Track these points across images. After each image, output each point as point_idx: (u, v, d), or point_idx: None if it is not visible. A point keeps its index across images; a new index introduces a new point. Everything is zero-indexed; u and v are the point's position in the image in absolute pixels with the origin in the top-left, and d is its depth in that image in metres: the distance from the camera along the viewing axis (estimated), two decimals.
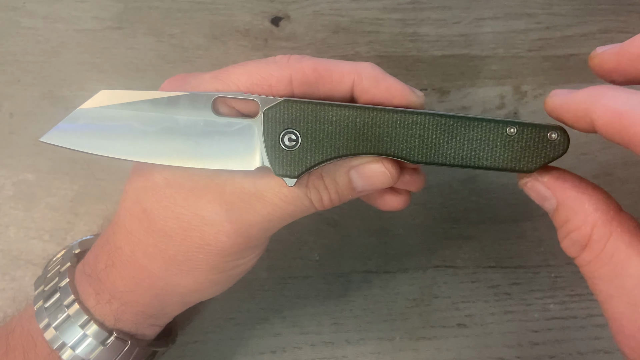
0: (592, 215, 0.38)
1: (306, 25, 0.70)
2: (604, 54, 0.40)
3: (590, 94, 0.36)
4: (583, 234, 0.38)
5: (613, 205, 0.39)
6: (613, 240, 0.37)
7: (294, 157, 0.44)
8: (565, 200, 0.40)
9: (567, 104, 0.38)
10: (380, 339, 0.65)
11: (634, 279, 0.35)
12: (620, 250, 0.36)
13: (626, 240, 0.36)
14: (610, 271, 0.37)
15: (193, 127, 0.45)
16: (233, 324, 0.65)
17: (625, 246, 0.36)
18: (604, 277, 0.37)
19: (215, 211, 0.46)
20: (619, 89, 0.35)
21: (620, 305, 0.36)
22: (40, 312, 0.51)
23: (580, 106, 0.37)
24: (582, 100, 0.37)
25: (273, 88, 0.45)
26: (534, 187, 0.43)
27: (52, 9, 0.69)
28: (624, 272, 0.36)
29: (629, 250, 0.36)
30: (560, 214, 0.40)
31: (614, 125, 0.34)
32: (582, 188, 0.40)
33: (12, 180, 0.67)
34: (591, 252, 0.38)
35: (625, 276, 0.36)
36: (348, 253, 0.67)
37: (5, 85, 0.68)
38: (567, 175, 0.42)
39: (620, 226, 0.37)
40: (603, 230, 0.37)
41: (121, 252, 0.49)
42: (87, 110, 0.46)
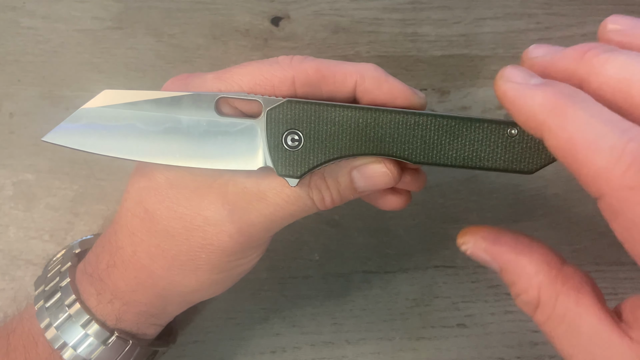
0: (535, 278, 0.37)
1: (306, 25, 0.70)
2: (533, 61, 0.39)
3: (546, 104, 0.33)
4: (531, 296, 0.37)
5: (554, 262, 0.38)
6: (561, 301, 0.36)
7: (297, 158, 0.44)
8: (506, 265, 0.39)
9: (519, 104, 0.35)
10: (380, 339, 0.65)
11: (589, 336, 0.34)
12: (570, 310, 0.35)
13: (573, 298, 0.35)
14: (565, 331, 0.36)
15: (196, 127, 0.45)
16: (233, 324, 0.65)
17: (574, 305, 0.35)
18: (560, 336, 0.36)
19: (217, 211, 0.46)
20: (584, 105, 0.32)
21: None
22: (41, 311, 0.51)
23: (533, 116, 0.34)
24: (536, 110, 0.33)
25: (276, 88, 0.45)
26: (475, 254, 0.42)
27: (52, 9, 0.69)
28: (578, 330, 0.35)
29: (579, 308, 0.35)
30: (505, 277, 0.39)
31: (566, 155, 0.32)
32: (519, 250, 0.39)
33: (12, 180, 0.67)
34: (543, 313, 0.37)
35: (580, 334, 0.35)
36: (348, 253, 0.67)
37: (5, 85, 0.68)
38: (503, 236, 0.41)
39: (566, 284, 0.36)
40: (549, 291, 0.36)
41: (123, 252, 0.49)
42: (89, 110, 0.46)
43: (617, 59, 0.33)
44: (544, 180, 0.66)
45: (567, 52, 0.36)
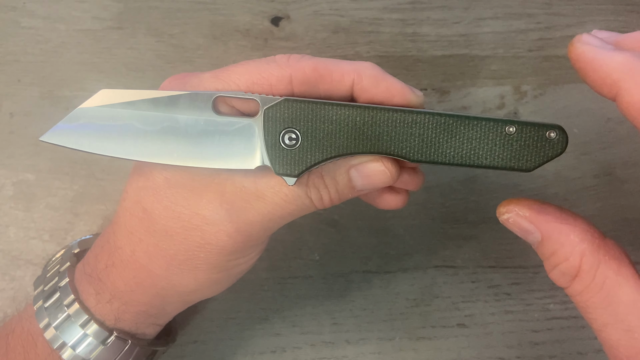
0: (579, 245, 0.38)
1: (306, 25, 0.70)
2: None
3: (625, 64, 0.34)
4: (572, 265, 0.38)
5: (597, 233, 0.38)
6: (602, 269, 0.36)
7: (294, 156, 0.44)
8: (550, 233, 0.40)
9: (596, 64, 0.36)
10: (380, 339, 0.65)
11: (627, 305, 0.35)
12: (610, 278, 0.36)
13: (614, 268, 0.36)
14: (602, 300, 0.36)
15: (193, 126, 0.45)
16: (233, 324, 0.65)
17: (614, 274, 0.36)
18: (597, 305, 0.36)
19: (215, 210, 0.46)
20: None
21: (615, 332, 0.36)
22: (40, 311, 0.51)
23: (609, 74, 0.35)
24: (613, 69, 0.35)
25: (273, 87, 0.45)
26: (516, 223, 0.42)
27: (52, 9, 0.69)
28: (617, 299, 0.35)
29: (619, 277, 0.36)
30: (546, 247, 0.40)
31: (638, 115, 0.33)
32: (564, 219, 0.40)
33: (12, 180, 0.67)
34: (582, 282, 0.37)
35: (618, 303, 0.35)
36: (348, 253, 0.67)
37: (5, 85, 0.69)
38: (548, 207, 0.41)
39: (608, 254, 0.37)
40: (592, 259, 0.37)
41: (122, 251, 0.49)
42: (87, 110, 0.46)
43: None
44: (544, 180, 0.66)
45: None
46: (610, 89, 0.34)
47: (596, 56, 0.35)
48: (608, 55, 0.35)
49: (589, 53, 0.36)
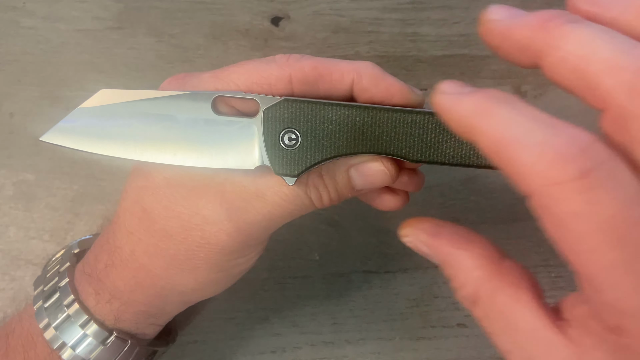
0: (473, 272, 0.36)
1: (306, 25, 0.70)
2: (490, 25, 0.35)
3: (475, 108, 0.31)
4: (469, 292, 0.36)
5: (494, 256, 0.36)
6: (499, 296, 0.34)
7: (294, 156, 0.44)
8: (445, 258, 0.38)
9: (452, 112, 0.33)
10: (380, 339, 0.65)
11: (526, 333, 0.33)
12: (508, 306, 0.34)
13: (511, 294, 0.34)
14: (503, 328, 0.34)
15: (193, 126, 0.45)
16: (233, 324, 0.65)
17: (511, 301, 0.34)
18: (498, 333, 0.34)
19: (215, 210, 0.46)
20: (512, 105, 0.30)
21: None
22: (40, 312, 0.51)
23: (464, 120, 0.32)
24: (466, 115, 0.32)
25: (273, 87, 0.45)
26: (416, 247, 0.41)
27: (52, 9, 0.70)
28: (515, 327, 0.33)
29: (516, 305, 0.33)
30: (445, 272, 0.38)
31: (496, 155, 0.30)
32: (458, 244, 0.37)
33: (12, 180, 0.67)
34: (481, 309, 0.35)
35: (517, 331, 0.33)
36: (348, 253, 0.67)
37: (5, 85, 0.69)
38: (443, 229, 0.39)
39: (504, 280, 0.35)
40: (488, 286, 0.35)
41: (121, 251, 0.49)
42: (87, 110, 0.46)
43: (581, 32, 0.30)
44: None
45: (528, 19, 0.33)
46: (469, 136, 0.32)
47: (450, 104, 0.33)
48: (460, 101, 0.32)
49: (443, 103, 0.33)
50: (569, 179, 0.26)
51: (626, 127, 0.28)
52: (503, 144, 0.29)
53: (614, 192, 0.26)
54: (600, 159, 0.26)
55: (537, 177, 0.27)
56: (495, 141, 0.29)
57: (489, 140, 0.30)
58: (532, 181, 0.28)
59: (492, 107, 0.30)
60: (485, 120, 0.30)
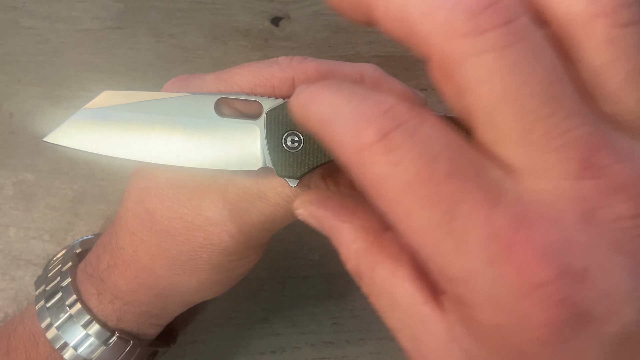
0: (353, 245, 0.34)
1: (306, 25, 0.70)
2: None
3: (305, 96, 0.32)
4: (352, 265, 0.34)
5: (374, 228, 0.35)
6: (378, 270, 0.32)
7: (297, 159, 0.44)
8: (329, 231, 0.37)
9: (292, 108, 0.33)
10: (380, 339, 0.65)
11: (405, 309, 0.30)
12: (387, 281, 0.32)
13: (390, 268, 0.32)
14: (386, 304, 0.32)
15: (196, 127, 0.45)
16: (233, 324, 0.65)
17: (390, 274, 0.31)
18: (384, 309, 0.32)
19: (218, 211, 0.46)
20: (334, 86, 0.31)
21: (404, 339, 0.32)
22: (42, 311, 0.51)
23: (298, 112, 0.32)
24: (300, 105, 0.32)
25: (276, 89, 0.45)
26: (305, 219, 0.40)
27: (52, 9, 0.69)
28: (396, 302, 0.31)
29: (395, 279, 0.31)
30: (334, 244, 0.37)
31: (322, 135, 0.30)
32: (342, 214, 0.36)
33: (12, 180, 0.67)
34: (365, 285, 0.33)
35: (399, 308, 0.31)
36: None
37: (5, 85, 0.69)
38: (329, 200, 0.39)
39: (381, 253, 0.33)
40: (367, 260, 0.33)
41: (124, 252, 0.49)
42: (90, 111, 0.46)
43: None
44: None
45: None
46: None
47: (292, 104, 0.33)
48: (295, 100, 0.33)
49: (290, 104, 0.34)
50: (371, 141, 0.26)
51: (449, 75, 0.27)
52: (323, 122, 0.29)
53: (416, 149, 0.25)
54: (402, 119, 0.26)
55: (347, 145, 0.27)
56: (318, 121, 0.30)
57: (315, 122, 0.30)
58: (345, 150, 0.27)
59: (318, 93, 0.31)
60: (312, 104, 0.31)
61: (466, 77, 0.26)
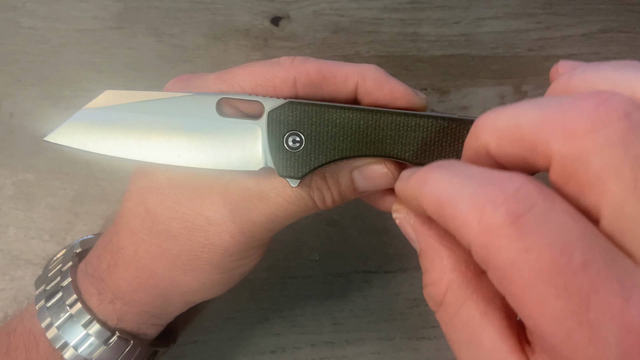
0: (448, 274, 0.34)
1: (306, 25, 0.70)
2: None
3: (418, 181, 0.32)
4: (437, 291, 0.34)
5: (473, 267, 0.34)
6: (467, 307, 0.33)
7: (298, 159, 0.44)
8: (426, 249, 0.36)
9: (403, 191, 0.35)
10: (380, 339, 0.65)
11: (488, 352, 0.31)
12: (475, 319, 0.32)
13: (481, 309, 0.32)
14: (465, 339, 0.33)
15: (197, 127, 0.45)
16: (233, 324, 0.65)
17: (480, 315, 0.32)
18: (460, 342, 0.33)
19: (219, 211, 0.46)
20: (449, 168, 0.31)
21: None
22: (42, 311, 0.51)
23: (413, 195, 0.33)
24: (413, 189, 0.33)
25: (277, 89, 0.45)
26: (402, 226, 0.39)
27: (52, 9, 0.69)
28: (478, 342, 0.32)
29: (484, 321, 0.32)
30: (422, 262, 0.37)
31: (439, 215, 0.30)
32: (445, 240, 0.36)
33: (12, 180, 0.67)
34: (446, 313, 0.34)
35: (480, 346, 0.32)
36: (348, 253, 0.67)
37: (5, 85, 0.68)
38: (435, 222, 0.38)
39: (477, 292, 0.33)
40: (458, 293, 0.33)
41: (124, 252, 0.49)
42: (92, 110, 0.46)
43: None
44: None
45: None
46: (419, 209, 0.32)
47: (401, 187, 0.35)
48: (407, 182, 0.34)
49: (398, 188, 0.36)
50: (500, 225, 0.25)
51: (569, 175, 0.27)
52: (441, 204, 0.29)
53: (549, 236, 0.25)
54: (533, 200, 0.26)
55: (471, 227, 0.27)
56: (435, 203, 0.30)
57: (430, 204, 0.30)
58: (469, 233, 0.27)
59: (430, 174, 0.31)
60: (424, 186, 0.31)
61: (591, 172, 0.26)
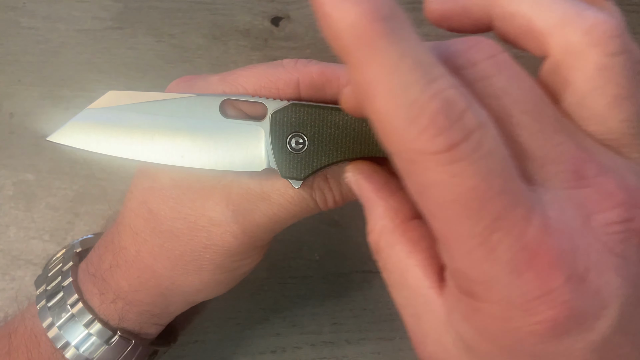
0: (380, 221, 0.37)
1: (306, 25, 0.70)
2: None
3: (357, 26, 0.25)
4: (374, 238, 0.37)
5: (403, 212, 0.37)
6: (396, 250, 0.35)
7: (301, 160, 0.44)
8: (365, 201, 0.39)
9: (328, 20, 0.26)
10: (380, 338, 0.65)
11: (413, 290, 0.33)
12: (402, 260, 0.34)
13: (407, 250, 0.34)
14: (396, 282, 0.35)
15: (201, 128, 0.45)
16: (233, 324, 0.65)
17: (405, 256, 0.34)
18: (393, 285, 0.35)
19: (222, 212, 0.46)
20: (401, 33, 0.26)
21: (407, 316, 0.35)
22: (43, 311, 0.51)
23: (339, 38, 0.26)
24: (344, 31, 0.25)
25: (280, 91, 0.45)
26: (350, 185, 0.42)
27: (52, 9, 0.69)
28: (405, 282, 0.34)
29: (409, 260, 0.34)
30: (366, 214, 0.39)
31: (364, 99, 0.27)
32: (382, 191, 0.38)
33: (12, 180, 0.67)
34: (381, 259, 0.36)
35: (407, 287, 0.34)
36: (348, 253, 0.67)
37: (5, 85, 0.69)
38: (376, 174, 0.40)
39: (404, 235, 0.35)
40: (388, 238, 0.36)
41: (126, 252, 0.49)
42: (95, 110, 0.46)
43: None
44: None
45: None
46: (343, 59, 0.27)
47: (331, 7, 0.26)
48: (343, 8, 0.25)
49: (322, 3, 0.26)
50: (436, 150, 0.25)
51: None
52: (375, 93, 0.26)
53: (479, 163, 0.25)
54: (472, 126, 0.25)
55: (404, 141, 0.26)
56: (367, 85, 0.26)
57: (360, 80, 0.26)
58: (398, 144, 0.26)
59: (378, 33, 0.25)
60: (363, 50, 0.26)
61: None
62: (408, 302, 0.34)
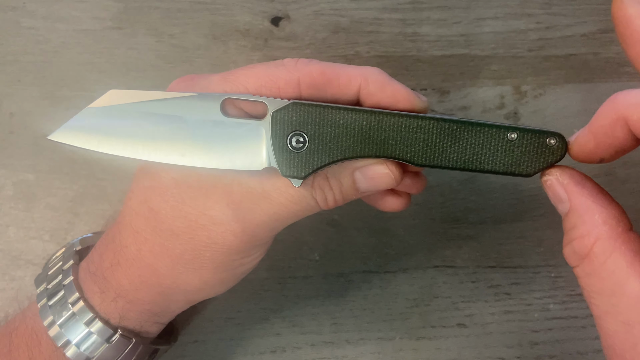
0: (598, 227, 0.37)
1: (306, 25, 0.70)
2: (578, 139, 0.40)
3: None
4: (585, 244, 0.37)
5: (623, 222, 0.38)
6: (615, 258, 0.36)
7: (301, 159, 0.44)
8: (578, 206, 0.39)
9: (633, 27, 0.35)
10: (380, 339, 0.65)
11: (630, 299, 0.34)
12: (621, 269, 0.35)
13: (628, 260, 0.35)
14: (607, 288, 0.36)
15: (202, 127, 0.45)
16: (233, 324, 0.65)
17: (626, 265, 0.35)
18: (601, 292, 0.36)
19: (222, 211, 0.46)
20: None
21: (614, 323, 0.36)
22: (44, 309, 0.51)
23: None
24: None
25: (281, 90, 0.45)
26: (553, 187, 0.42)
27: (52, 9, 0.69)
28: (621, 290, 0.35)
29: (630, 270, 0.35)
30: (570, 219, 0.39)
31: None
32: (598, 199, 0.39)
33: (12, 180, 0.67)
34: (591, 264, 0.37)
35: (622, 295, 0.35)
36: (348, 253, 0.67)
37: (5, 85, 0.68)
38: (587, 182, 0.41)
39: (625, 244, 0.36)
40: (606, 244, 0.36)
41: (127, 250, 0.49)
42: (96, 109, 0.46)
43: None
44: None
45: None
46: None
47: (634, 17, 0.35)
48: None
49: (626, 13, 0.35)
50: None
51: None
52: None
53: None
54: None
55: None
56: None
57: None
58: None
59: None
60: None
61: None
62: (618, 309, 0.35)
